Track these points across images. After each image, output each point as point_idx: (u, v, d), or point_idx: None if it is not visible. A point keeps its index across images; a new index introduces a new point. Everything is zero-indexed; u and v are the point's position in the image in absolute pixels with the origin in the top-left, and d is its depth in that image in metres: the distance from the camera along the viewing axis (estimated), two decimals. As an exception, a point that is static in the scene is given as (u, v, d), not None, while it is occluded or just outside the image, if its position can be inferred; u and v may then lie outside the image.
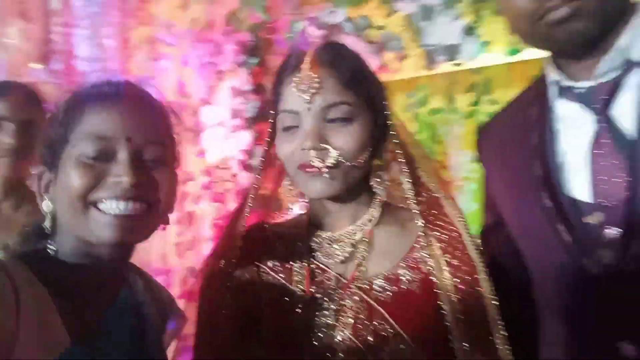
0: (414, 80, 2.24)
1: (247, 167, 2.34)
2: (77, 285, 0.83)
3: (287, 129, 0.95)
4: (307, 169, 0.93)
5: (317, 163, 0.91)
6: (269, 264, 1.01)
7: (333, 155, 0.91)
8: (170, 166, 0.88)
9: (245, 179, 2.34)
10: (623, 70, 0.86)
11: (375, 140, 0.98)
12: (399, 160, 1.00)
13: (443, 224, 0.99)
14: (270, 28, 2.33)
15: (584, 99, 0.90)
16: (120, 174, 0.80)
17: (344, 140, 0.93)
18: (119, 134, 0.82)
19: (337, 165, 0.92)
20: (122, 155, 0.81)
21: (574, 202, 0.89)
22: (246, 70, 2.33)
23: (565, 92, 0.93)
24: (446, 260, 0.95)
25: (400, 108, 2.26)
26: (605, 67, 0.87)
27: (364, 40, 2.17)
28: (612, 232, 0.84)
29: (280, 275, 0.99)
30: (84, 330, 0.78)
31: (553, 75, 0.94)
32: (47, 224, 0.87)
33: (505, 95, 2.17)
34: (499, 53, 2.00)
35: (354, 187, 0.97)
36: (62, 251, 0.85)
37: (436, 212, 1.00)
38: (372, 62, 2.12)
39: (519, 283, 1.00)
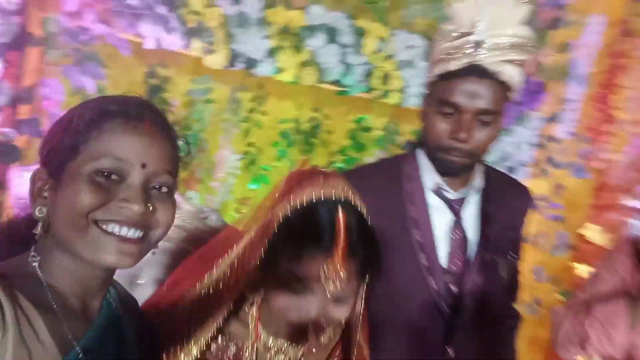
0: (202, 67, 2.31)
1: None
2: (61, 300, 0.82)
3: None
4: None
5: None
6: None
7: None
8: (174, 193, 0.89)
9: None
10: (470, 192, 1.47)
11: None
12: None
13: None
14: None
15: (448, 202, 1.46)
16: (129, 200, 0.81)
17: None
18: (136, 158, 0.81)
19: None
20: (135, 180, 0.81)
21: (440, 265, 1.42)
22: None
23: (437, 191, 1.46)
24: None
25: (181, 91, 2.33)
26: (466, 190, 1.46)
27: (177, 19, 2.15)
28: (452, 289, 1.42)
29: None
30: (69, 346, 0.79)
31: (433, 177, 1.45)
32: (38, 230, 0.82)
33: (275, 108, 2.50)
34: (285, 80, 2.39)
35: None
36: (46, 265, 0.82)
37: None
38: (179, 43, 2.15)
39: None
